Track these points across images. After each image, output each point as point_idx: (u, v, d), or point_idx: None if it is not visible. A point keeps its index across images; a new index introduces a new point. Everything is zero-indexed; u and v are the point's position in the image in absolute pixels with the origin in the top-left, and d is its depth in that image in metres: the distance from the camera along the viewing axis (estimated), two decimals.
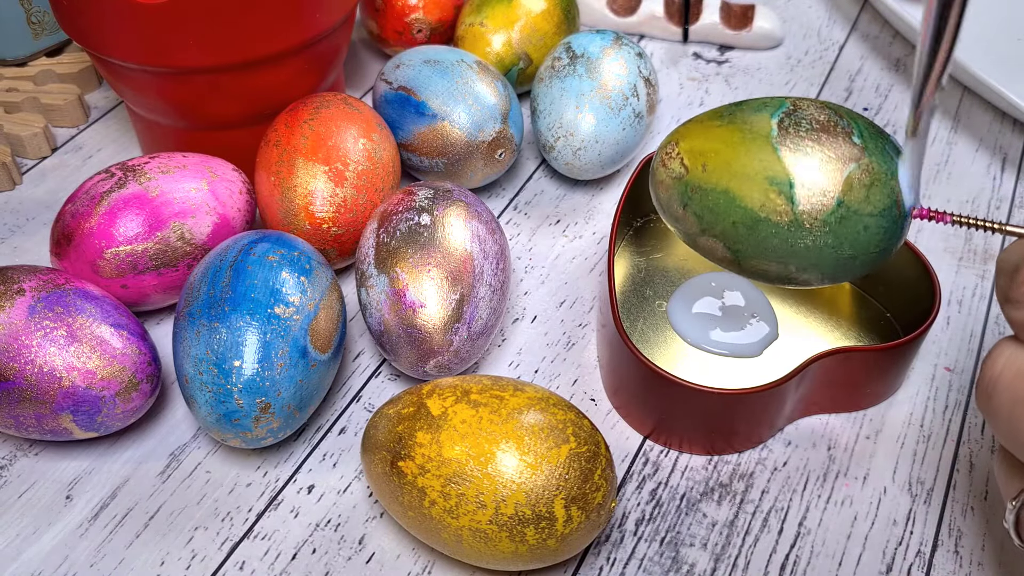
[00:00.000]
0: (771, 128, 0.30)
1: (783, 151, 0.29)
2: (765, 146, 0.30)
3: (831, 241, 0.30)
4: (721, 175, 0.31)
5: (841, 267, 0.30)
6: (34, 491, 0.35)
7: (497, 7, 0.49)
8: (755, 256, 0.31)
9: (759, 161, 0.30)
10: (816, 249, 0.30)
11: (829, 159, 0.29)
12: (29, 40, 0.51)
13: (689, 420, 0.36)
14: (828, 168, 0.29)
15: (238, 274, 0.34)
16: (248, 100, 0.42)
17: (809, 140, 0.29)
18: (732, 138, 0.30)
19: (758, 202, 0.30)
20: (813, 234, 0.30)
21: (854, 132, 0.29)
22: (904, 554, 0.34)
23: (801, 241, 0.30)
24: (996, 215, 0.46)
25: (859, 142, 0.29)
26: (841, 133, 0.29)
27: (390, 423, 0.32)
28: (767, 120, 0.30)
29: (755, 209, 0.30)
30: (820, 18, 0.59)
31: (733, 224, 0.31)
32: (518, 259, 0.44)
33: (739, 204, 0.30)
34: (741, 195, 0.30)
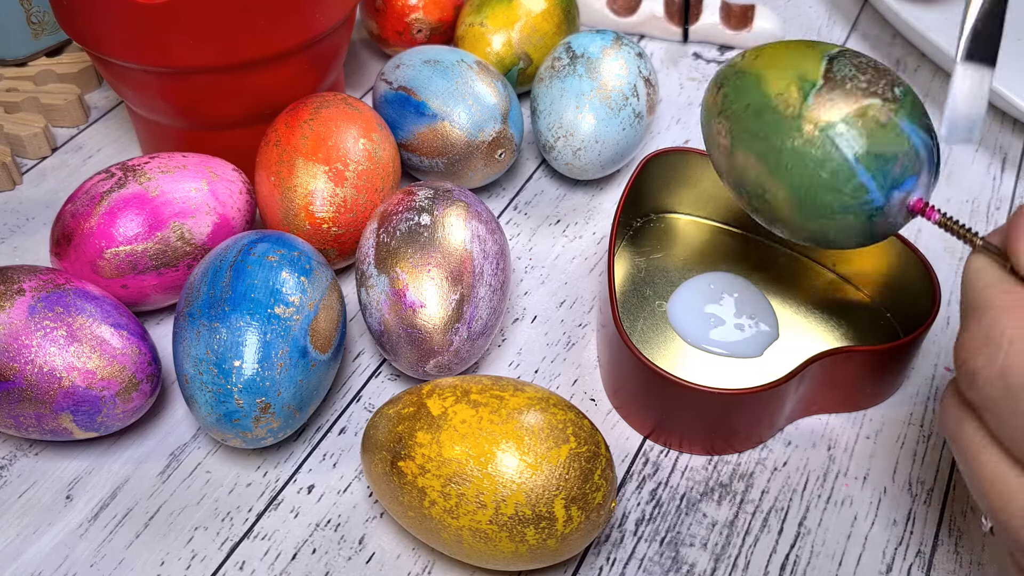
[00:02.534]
0: (832, 49, 0.31)
1: (827, 64, 0.31)
2: (816, 55, 0.31)
3: (817, 154, 0.30)
4: (764, 63, 0.32)
5: (810, 193, 0.30)
6: (34, 491, 0.35)
7: (497, 7, 0.49)
8: (746, 145, 0.32)
9: (802, 61, 0.31)
10: (799, 154, 0.30)
11: (861, 85, 0.30)
12: (29, 40, 0.51)
13: (689, 420, 0.36)
14: (855, 90, 0.30)
15: (238, 274, 0.34)
16: (248, 100, 0.42)
17: (856, 68, 0.30)
18: (795, 47, 0.32)
19: (777, 89, 0.31)
20: (804, 137, 0.30)
21: (901, 87, 0.30)
22: (904, 554, 0.34)
23: (791, 143, 0.30)
24: (996, 215, 0.46)
25: (899, 93, 0.30)
26: (888, 81, 0.30)
27: (390, 423, 0.32)
28: (833, 46, 0.32)
29: (771, 96, 0.31)
30: (820, 18, 0.59)
31: (746, 106, 0.32)
32: (518, 259, 0.44)
33: (761, 88, 0.31)
34: (768, 80, 0.31)
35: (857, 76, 0.30)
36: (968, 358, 0.25)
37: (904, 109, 0.30)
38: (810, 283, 0.41)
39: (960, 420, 0.27)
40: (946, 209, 0.47)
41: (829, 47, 0.32)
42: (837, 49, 0.31)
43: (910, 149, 0.30)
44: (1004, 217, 0.46)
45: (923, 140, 0.30)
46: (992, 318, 0.25)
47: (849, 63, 0.31)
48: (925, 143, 0.30)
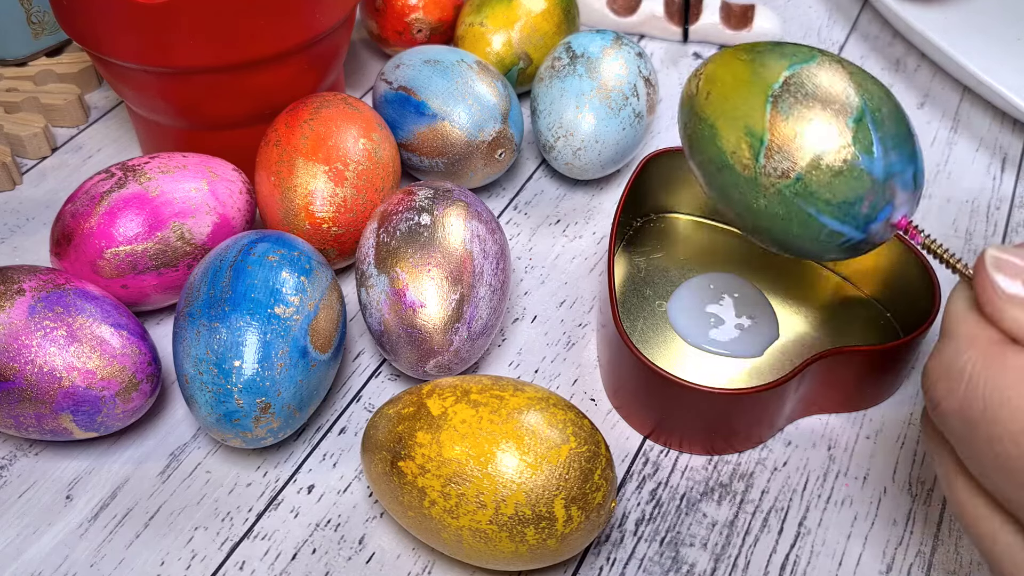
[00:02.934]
0: (778, 79, 0.29)
1: (773, 107, 0.29)
2: (760, 95, 0.29)
3: (781, 212, 0.29)
4: (715, 109, 0.30)
5: (790, 241, 0.30)
6: (34, 491, 0.35)
7: (497, 7, 0.49)
8: (718, 198, 0.31)
9: (748, 108, 0.29)
10: (767, 215, 0.29)
11: (811, 131, 0.28)
12: (29, 40, 0.51)
13: (689, 420, 0.36)
14: (804, 139, 0.28)
15: (238, 274, 0.34)
16: (248, 100, 0.42)
17: (803, 105, 0.28)
18: (743, 75, 0.30)
19: (731, 147, 0.30)
20: (767, 198, 0.29)
21: (853, 115, 0.28)
22: (904, 554, 0.34)
23: (755, 200, 0.29)
24: (996, 215, 0.46)
25: (851, 126, 0.28)
26: (839, 110, 0.28)
27: (390, 423, 0.32)
28: (780, 70, 0.29)
29: (726, 153, 0.30)
30: (820, 18, 0.59)
31: (709, 160, 0.31)
32: (518, 259, 0.44)
33: (717, 143, 0.30)
34: (721, 135, 0.30)
35: (803, 115, 0.28)
36: (930, 386, 0.25)
37: (859, 143, 0.28)
38: (810, 283, 0.41)
39: (933, 440, 0.27)
40: (946, 208, 0.47)
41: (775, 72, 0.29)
42: (782, 78, 0.29)
43: (874, 184, 0.28)
44: (1004, 217, 0.46)
45: (889, 165, 0.28)
46: (954, 350, 0.24)
47: (794, 98, 0.29)
48: (891, 167, 0.28)
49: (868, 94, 0.29)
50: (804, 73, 0.29)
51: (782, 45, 0.31)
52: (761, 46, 0.31)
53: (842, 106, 0.28)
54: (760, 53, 0.30)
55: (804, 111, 0.28)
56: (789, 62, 0.29)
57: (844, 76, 0.29)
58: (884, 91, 0.29)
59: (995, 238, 0.45)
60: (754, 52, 0.31)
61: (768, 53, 0.30)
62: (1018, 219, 0.46)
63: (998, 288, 0.24)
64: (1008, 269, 0.24)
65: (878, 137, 0.28)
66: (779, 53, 0.30)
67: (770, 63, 0.30)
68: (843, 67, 0.30)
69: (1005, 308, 0.24)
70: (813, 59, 0.29)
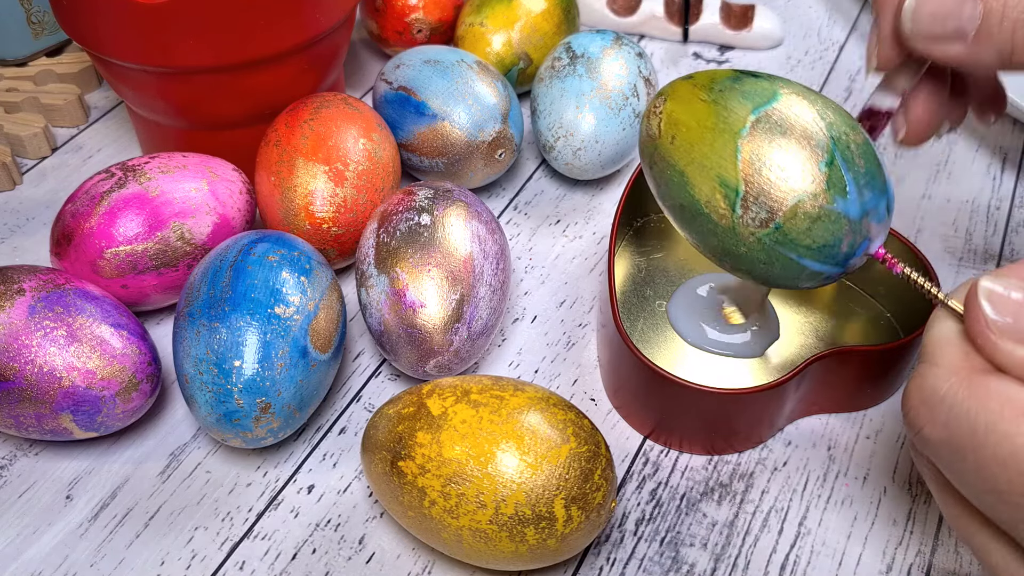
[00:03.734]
0: (744, 125, 0.29)
1: (743, 154, 0.28)
2: (730, 143, 0.29)
3: (763, 258, 0.29)
4: (683, 155, 0.30)
5: (772, 280, 0.30)
6: (34, 491, 0.35)
7: (497, 7, 0.49)
8: (695, 241, 0.31)
9: (719, 156, 0.29)
10: (748, 259, 0.30)
11: (785, 180, 0.28)
12: (29, 40, 0.51)
13: (689, 420, 0.36)
14: (779, 188, 0.28)
15: (238, 274, 0.34)
16: (248, 100, 0.42)
17: (773, 154, 0.28)
18: (707, 121, 0.29)
19: (705, 196, 0.29)
20: (747, 245, 0.29)
21: (824, 158, 0.28)
22: (904, 554, 0.34)
23: (735, 248, 0.30)
24: (996, 215, 0.46)
25: (824, 170, 0.28)
26: (810, 155, 0.28)
27: (390, 423, 0.32)
28: (746, 114, 0.29)
29: (701, 202, 0.30)
30: (820, 18, 0.59)
31: (681, 206, 0.30)
32: (518, 259, 0.44)
33: (689, 190, 0.30)
34: (693, 183, 0.30)
35: (775, 163, 0.28)
36: (910, 411, 0.25)
37: (834, 186, 0.28)
38: None
39: (920, 459, 0.27)
40: (946, 208, 0.47)
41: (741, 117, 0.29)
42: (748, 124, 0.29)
43: (851, 224, 0.28)
44: (1004, 217, 0.46)
45: (863, 204, 0.28)
46: (935, 376, 0.25)
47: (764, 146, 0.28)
48: (866, 205, 0.28)
49: (835, 129, 0.28)
50: (770, 116, 0.29)
51: (740, 80, 0.30)
52: (719, 82, 0.30)
53: (812, 150, 0.28)
54: (721, 93, 0.30)
55: (775, 159, 0.28)
56: (752, 104, 0.29)
57: (809, 113, 0.29)
58: (848, 119, 0.29)
59: (995, 238, 0.45)
60: (714, 91, 0.30)
61: (729, 93, 0.30)
62: (1018, 219, 0.46)
63: (990, 321, 0.24)
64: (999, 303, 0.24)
65: (851, 178, 0.28)
66: (740, 93, 0.29)
67: (733, 106, 0.29)
68: (806, 101, 0.29)
69: (998, 342, 0.24)
70: (776, 97, 0.29)
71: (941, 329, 0.26)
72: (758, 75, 0.30)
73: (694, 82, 0.31)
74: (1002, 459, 0.23)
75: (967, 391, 0.24)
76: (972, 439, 0.23)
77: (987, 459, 0.23)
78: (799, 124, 0.28)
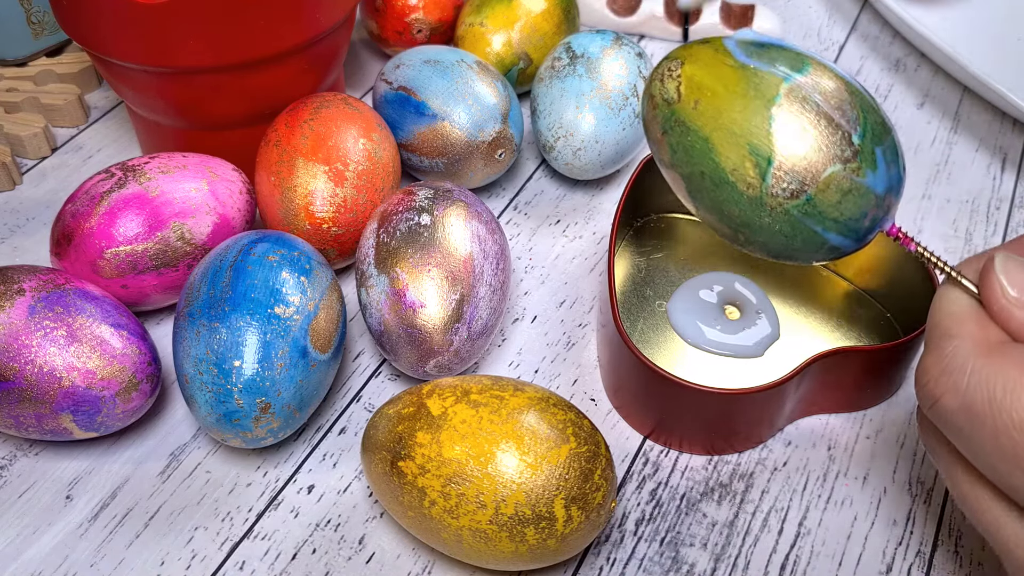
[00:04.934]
0: (777, 93, 0.28)
1: (776, 123, 0.28)
2: (762, 111, 0.28)
3: (786, 230, 0.29)
4: (708, 120, 0.29)
5: (786, 253, 0.30)
6: (34, 491, 0.35)
7: (497, 7, 0.49)
8: (709, 210, 0.30)
9: (751, 124, 0.28)
10: (769, 230, 0.29)
11: (819, 150, 0.27)
12: (29, 40, 0.51)
13: (689, 420, 0.36)
14: (814, 159, 0.27)
15: (238, 274, 0.34)
16: (248, 100, 0.42)
17: (808, 123, 0.28)
18: (736, 87, 0.28)
19: (732, 164, 0.28)
20: (772, 216, 0.28)
21: (857, 131, 0.28)
22: (904, 554, 0.34)
23: (758, 219, 0.29)
24: (996, 215, 0.46)
25: (857, 143, 0.28)
26: (844, 127, 0.28)
27: (390, 423, 0.32)
28: (777, 83, 0.28)
29: (726, 170, 0.29)
30: (820, 18, 0.59)
31: (701, 173, 0.29)
32: (518, 259, 0.44)
33: (713, 157, 0.29)
34: (719, 150, 0.29)
35: (810, 133, 0.27)
36: (928, 382, 0.26)
37: (866, 160, 0.28)
38: (810, 283, 0.41)
39: (931, 436, 0.28)
40: (946, 208, 0.47)
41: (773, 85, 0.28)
42: (781, 92, 0.28)
43: (876, 199, 0.28)
44: (1004, 217, 0.46)
45: (889, 179, 0.28)
46: (955, 347, 0.25)
47: (799, 116, 0.28)
48: (891, 181, 0.28)
49: (863, 104, 0.28)
50: (802, 86, 0.28)
51: (766, 48, 0.29)
52: (747, 47, 0.29)
53: (848, 122, 0.28)
54: (750, 59, 0.29)
55: (810, 127, 0.28)
56: (783, 73, 0.28)
57: (839, 86, 0.28)
58: (869, 98, 0.29)
59: (995, 238, 0.45)
60: (741, 57, 0.29)
61: (759, 60, 0.29)
62: (1018, 219, 0.46)
63: (1007, 292, 0.25)
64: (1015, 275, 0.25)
65: (880, 152, 0.28)
66: (769, 59, 0.29)
67: (763, 73, 0.28)
68: (833, 73, 0.29)
69: (1013, 310, 0.25)
70: (806, 67, 0.28)
71: (955, 304, 0.27)
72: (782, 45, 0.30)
73: (715, 47, 0.30)
74: (1020, 424, 0.23)
75: (986, 359, 0.24)
76: (990, 406, 0.24)
77: (1005, 425, 0.24)
78: (833, 95, 0.28)
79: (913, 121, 0.52)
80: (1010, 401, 0.24)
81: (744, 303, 0.40)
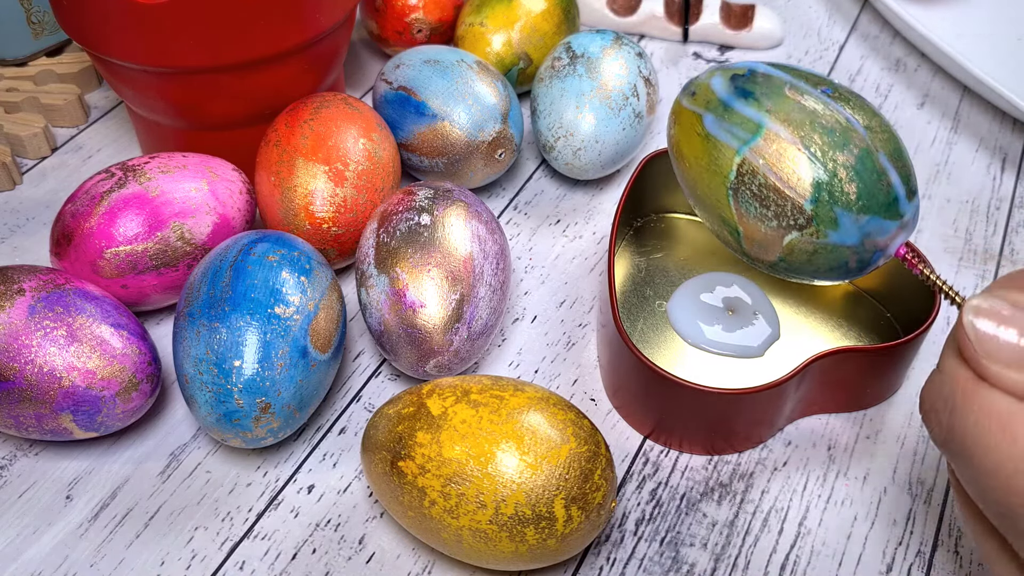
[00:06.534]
0: (731, 169, 0.29)
1: (734, 200, 0.29)
2: (721, 187, 0.29)
3: (778, 276, 0.31)
4: (690, 186, 0.32)
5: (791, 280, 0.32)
6: (34, 491, 0.35)
7: (497, 7, 0.49)
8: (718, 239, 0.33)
9: (716, 198, 0.30)
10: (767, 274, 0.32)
11: (774, 221, 0.28)
12: (29, 40, 0.51)
13: (689, 420, 0.36)
14: (772, 230, 0.28)
15: (238, 274, 0.34)
16: (248, 100, 0.42)
17: (759, 198, 0.28)
18: (702, 159, 0.30)
19: (714, 228, 0.31)
20: (760, 266, 0.31)
21: (808, 197, 0.28)
22: (904, 554, 0.34)
23: (752, 265, 0.32)
24: (996, 215, 0.46)
25: (810, 209, 0.28)
26: (793, 197, 0.28)
27: (390, 423, 0.32)
28: (732, 156, 0.29)
29: (712, 230, 0.31)
30: (820, 18, 0.59)
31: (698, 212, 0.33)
32: (518, 259, 0.44)
33: (702, 212, 0.32)
34: (702, 214, 0.32)
35: (763, 211, 0.28)
36: (923, 412, 0.26)
37: (823, 222, 0.27)
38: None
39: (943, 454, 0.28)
40: (946, 208, 0.47)
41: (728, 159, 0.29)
42: (735, 167, 0.29)
43: (852, 248, 0.28)
44: (1004, 217, 0.46)
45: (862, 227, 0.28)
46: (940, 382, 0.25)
47: (751, 192, 0.29)
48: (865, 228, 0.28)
49: (821, 158, 0.28)
50: (753, 157, 0.28)
51: (729, 107, 0.29)
52: (713, 107, 0.30)
53: (796, 190, 0.28)
54: (711, 127, 0.30)
55: (763, 207, 0.28)
56: (737, 141, 0.29)
57: (793, 144, 0.28)
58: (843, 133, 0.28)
59: (995, 238, 0.45)
60: (706, 121, 0.30)
61: (717, 127, 0.29)
62: (1018, 219, 0.46)
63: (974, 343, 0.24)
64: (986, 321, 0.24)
65: (841, 210, 0.28)
66: (727, 128, 0.29)
67: (720, 146, 0.29)
68: (791, 128, 0.28)
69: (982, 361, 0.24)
70: (759, 132, 0.28)
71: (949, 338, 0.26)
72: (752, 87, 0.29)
73: (695, 100, 0.31)
74: (988, 470, 0.23)
75: (962, 399, 0.24)
76: (965, 447, 0.24)
77: (978, 468, 0.23)
78: (782, 163, 0.28)
79: (913, 121, 0.52)
80: (980, 450, 0.23)
81: (744, 303, 0.40)
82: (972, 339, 0.24)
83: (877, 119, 0.29)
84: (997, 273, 0.44)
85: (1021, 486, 0.22)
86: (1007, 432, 0.22)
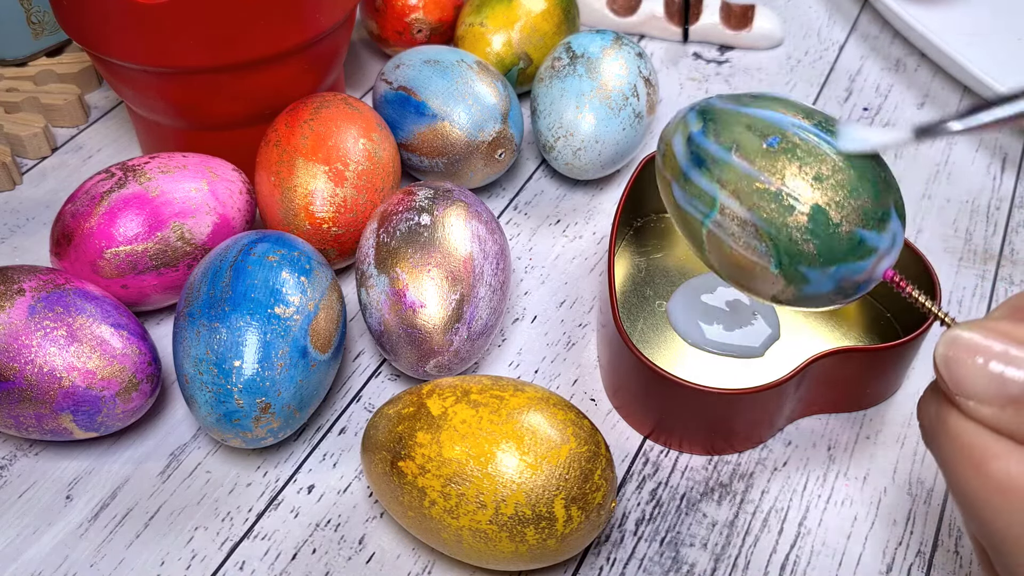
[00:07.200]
0: (703, 240, 0.29)
1: (715, 263, 0.29)
2: (700, 253, 0.30)
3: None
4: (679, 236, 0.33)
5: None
6: (34, 491, 0.35)
7: (497, 7, 0.49)
8: None
9: (698, 259, 0.31)
10: None
11: (751, 283, 0.28)
12: (29, 40, 0.51)
13: (689, 420, 0.36)
14: (752, 291, 0.29)
15: (238, 274, 0.34)
16: (248, 100, 0.42)
17: (732, 266, 0.29)
18: (680, 224, 0.30)
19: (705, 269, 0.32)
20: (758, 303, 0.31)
21: (771, 262, 0.27)
22: (904, 554, 0.34)
23: None
24: (996, 215, 0.46)
25: (776, 271, 0.27)
26: (759, 262, 0.28)
27: (390, 423, 0.32)
28: (699, 228, 0.29)
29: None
30: (820, 18, 0.59)
31: None
32: (518, 259, 0.44)
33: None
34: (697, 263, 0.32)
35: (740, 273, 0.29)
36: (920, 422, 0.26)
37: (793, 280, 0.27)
38: None
39: None
40: (946, 208, 0.47)
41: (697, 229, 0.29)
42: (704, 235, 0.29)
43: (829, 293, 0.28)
44: (1004, 217, 0.46)
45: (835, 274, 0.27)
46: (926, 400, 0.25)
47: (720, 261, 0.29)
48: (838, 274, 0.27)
49: (775, 223, 0.27)
50: (716, 229, 0.28)
51: (689, 183, 0.29)
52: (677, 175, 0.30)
53: (760, 257, 0.28)
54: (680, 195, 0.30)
55: (738, 270, 0.29)
56: (701, 217, 0.29)
57: (745, 214, 0.27)
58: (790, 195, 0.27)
59: (995, 238, 0.45)
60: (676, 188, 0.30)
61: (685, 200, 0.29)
62: (1018, 219, 0.46)
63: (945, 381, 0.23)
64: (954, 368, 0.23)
65: (806, 268, 0.27)
66: (691, 203, 0.29)
67: (691, 219, 0.29)
68: (737, 200, 0.28)
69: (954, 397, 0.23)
70: (715, 207, 0.28)
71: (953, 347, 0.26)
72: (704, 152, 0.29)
73: (665, 164, 0.30)
74: (961, 501, 0.23)
75: (939, 424, 0.24)
76: (944, 471, 0.24)
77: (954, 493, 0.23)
78: (740, 236, 0.28)
79: (913, 121, 0.52)
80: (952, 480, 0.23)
81: (744, 303, 0.40)
82: (944, 374, 0.23)
83: (829, 161, 0.27)
84: (997, 273, 0.44)
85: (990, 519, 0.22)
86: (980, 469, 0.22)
